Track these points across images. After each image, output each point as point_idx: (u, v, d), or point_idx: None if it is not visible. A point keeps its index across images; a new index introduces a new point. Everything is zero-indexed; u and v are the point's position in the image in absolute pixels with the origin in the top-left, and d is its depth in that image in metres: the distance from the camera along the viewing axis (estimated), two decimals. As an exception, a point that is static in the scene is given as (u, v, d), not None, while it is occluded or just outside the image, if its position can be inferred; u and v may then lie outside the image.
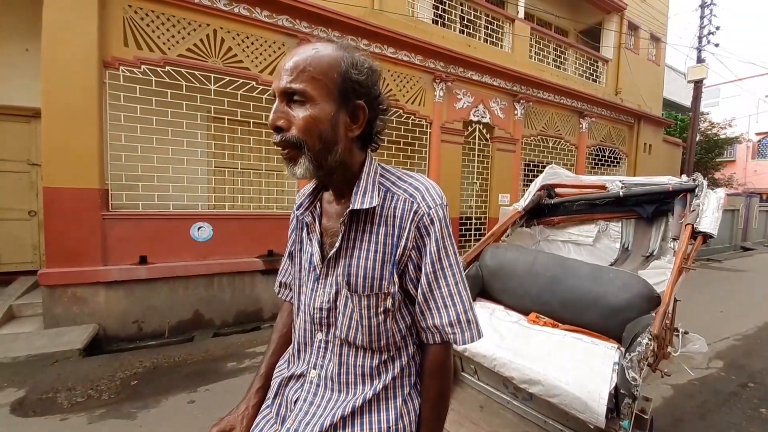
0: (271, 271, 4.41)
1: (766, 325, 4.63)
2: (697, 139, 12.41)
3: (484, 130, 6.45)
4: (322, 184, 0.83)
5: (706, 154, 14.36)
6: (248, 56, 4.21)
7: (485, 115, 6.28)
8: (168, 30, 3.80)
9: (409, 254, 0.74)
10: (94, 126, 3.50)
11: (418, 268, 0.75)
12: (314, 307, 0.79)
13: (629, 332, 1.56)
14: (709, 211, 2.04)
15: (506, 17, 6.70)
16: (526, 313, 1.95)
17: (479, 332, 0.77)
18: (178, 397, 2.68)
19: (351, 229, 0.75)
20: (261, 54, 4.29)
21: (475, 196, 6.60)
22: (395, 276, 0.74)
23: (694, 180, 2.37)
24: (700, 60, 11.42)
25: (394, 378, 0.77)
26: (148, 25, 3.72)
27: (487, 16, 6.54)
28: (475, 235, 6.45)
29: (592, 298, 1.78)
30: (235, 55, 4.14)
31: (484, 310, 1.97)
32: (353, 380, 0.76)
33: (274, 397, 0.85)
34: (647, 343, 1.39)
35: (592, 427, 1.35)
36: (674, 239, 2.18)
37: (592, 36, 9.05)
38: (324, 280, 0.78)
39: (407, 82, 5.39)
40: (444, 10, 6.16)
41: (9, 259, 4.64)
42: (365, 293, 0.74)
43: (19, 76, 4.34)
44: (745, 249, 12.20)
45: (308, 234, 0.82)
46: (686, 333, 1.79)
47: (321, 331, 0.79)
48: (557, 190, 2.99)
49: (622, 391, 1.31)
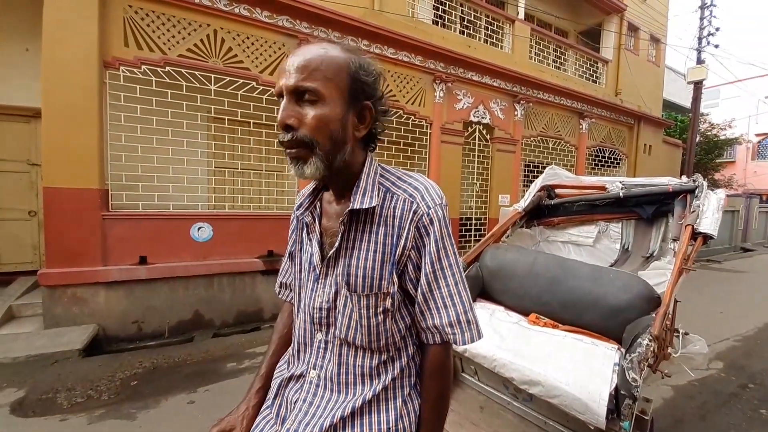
0: (271, 272, 4.41)
1: (766, 326, 4.63)
2: (697, 140, 12.42)
3: (484, 131, 6.45)
4: (323, 184, 0.82)
5: (706, 155, 14.37)
6: (248, 56, 4.22)
7: (485, 116, 6.28)
8: (168, 30, 3.80)
9: (409, 254, 0.74)
10: (95, 126, 3.50)
11: (417, 268, 0.75)
12: (314, 307, 0.79)
13: (629, 333, 1.56)
14: (709, 212, 2.05)
15: (506, 18, 6.71)
16: (527, 314, 1.94)
17: (479, 333, 0.77)
18: (178, 398, 2.68)
19: (351, 229, 0.75)
20: (261, 54, 4.29)
21: (475, 197, 6.60)
22: (395, 276, 0.74)
23: (694, 181, 2.37)
24: (699, 61, 11.43)
25: (394, 379, 0.77)
26: (148, 25, 3.72)
27: (488, 17, 6.55)
28: (475, 235, 6.45)
29: (593, 298, 1.77)
30: (236, 56, 4.14)
31: (484, 311, 1.97)
32: (353, 380, 0.76)
33: (274, 398, 0.84)
34: (647, 344, 1.39)
35: (593, 428, 1.35)
36: (674, 240, 2.19)
37: (592, 37, 9.05)
38: (324, 280, 0.78)
39: (407, 83, 5.39)
40: (444, 11, 6.17)
41: (9, 259, 4.64)
42: (365, 293, 0.74)
43: (19, 76, 4.34)
44: (745, 250, 12.20)
45: (308, 234, 0.82)
46: (686, 334, 1.79)
47: (321, 331, 0.79)
48: (557, 191, 2.99)
49: (622, 392, 1.30)
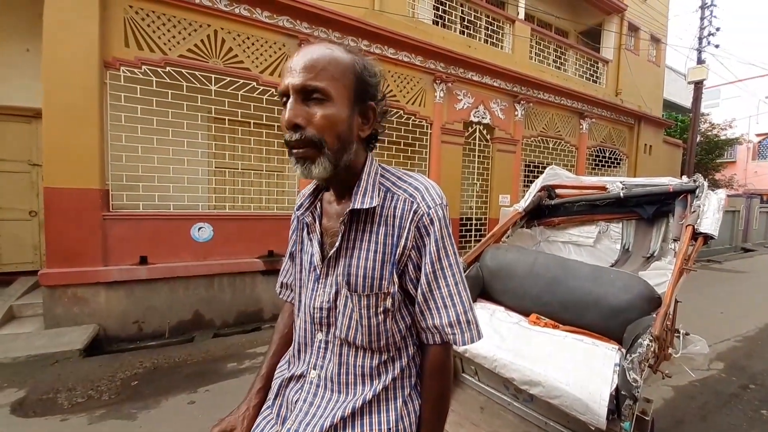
0: (271, 272, 4.41)
1: (767, 327, 4.62)
2: (698, 140, 12.41)
3: (485, 131, 6.44)
4: (324, 184, 0.82)
5: (706, 155, 14.36)
6: (249, 57, 4.22)
7: (485, 116, 6.28)
8: (169, 30, 3.81)
9: (409, 254, 0.74)
10: (95, 126, 3.50)
11: (417, 268, 0.75)
12: (314, 307, 0.79)
13: (630, 333, 1.55)
14: (710, 212, 2.04)
15: (506, 18, 6.71)
16: (527, 314, 1.94)
17: (479, 333, 0.77)
18: (179, 398, 2.68)
19: (351, 229, 0.75)
20: (261, 55, 4.29)
21: (476, 197, 6.60)
22: (395, 276, 0.74)
23: (695, 181, 2.37)
24: (700, 61, 11.42)
25: (394, 379, 0.77)
26: (149, 26, 3.72)
27: (488, 17, 6.55)
28: (476, 236, 6.44)
29: (593, 299, 1.77)
30: (236, 56, 4.14)
31: (484, 311, 1.97)
32: (353, 381, 0.76)
33: (275, 398, 0.84)
34: (648, 345, 1.39)
35: (593, 429, 1.35)
36: (675, 240, 2.18)
37: (593, 37, 9.05)
38: (324, 280, 0.78)
39: (408, 83, 5.39)
40: (444, 11, 6.17)
41: (9, 260, 4.64)
42: (365, 293, 0.74)
43: (20, 77, 4.35)
44: (746, 250, 12.19)
45: (308, 234, 0.82)
46: (687, 334, 1.79)
47: (321, 331, 0.79)
48: (558, 191, 2.99)
49: (623, 393, 1.30)
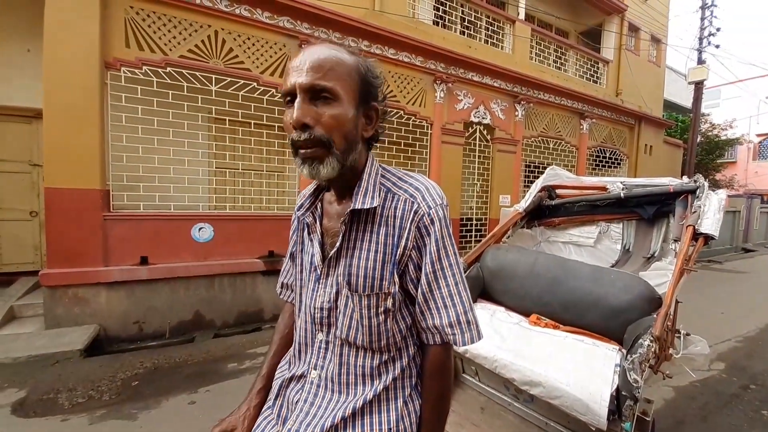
0: (271, 272, 4.41)
1: (768, 327, 4.63)
2: (698, 140, 12.40)
3: (485, 131, 6.44)
4: (325, 185, 0.82)
5: (706, 156, 14.34)
6: (249, 57, 4.22)
7: (486, 116, 6.28)
8: (169, 31, 3.81)
9: (410, 254, 0.74)
10: (96, 127, 3.50)
11: (418, 268, 0.75)
12: (315, 307, 0.79)
13: (630, 334, 1.55)
14: (711, 213, 2.04)
15: (507, 18, 6.71)
16: (527, 315, 1.94)
17: (479, 333, 0.77)
18: (179, 398, 2.68)
19: (352, 229, 0.76)
20: (262, 55, 4.29)
21: (476, 198, 6.59)
22: (396, 276, 0.74)
23: (695, 181, 2.37)
24: (700, 61, 11.42)
25: (395, 379, 0.77)
26: (149, 26, 3.72)
27: (488, 18, 6.55)
28: (476, 236, 6.44)
29: (593, 299, 1.77)
30: (236, 56, 4.14)
31: (484, 312, 1.97)
32: (354, 381, 0.76)
33: (276, 398, 0.85)
34: (649, 345, 1.38)
35: (594, 429, 1.35)
36: (675, 241, 2.18)
37: (593, 37, 9.05)
38: (325, 280, 0.78)
39: (408, 84, 5.39)
40: (445, 12, 6.17)
41: (10, 260, 4.64)
42: (366, 293, 0.74)
43: (21, 77, 4.35)
44: (746, 250, 12.18)
45: (309, 234, 0.83)
46: (687, 335, 1.79)
47: (321, 331, 0.79)
48: (558, 192, 2.99)
49: (623, 393, 1.30)
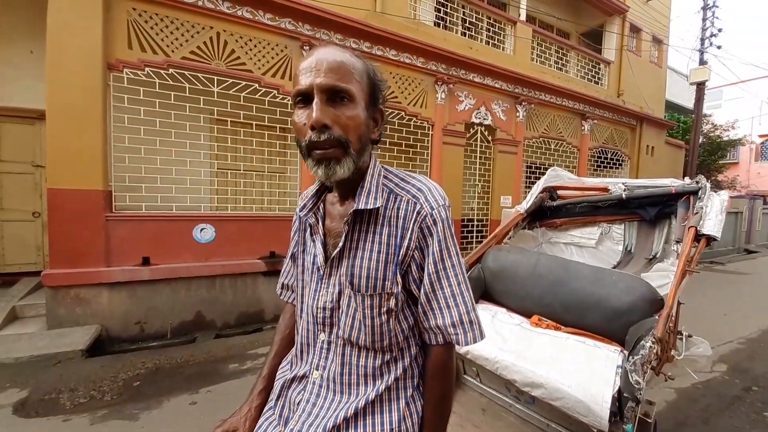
0: (273, 273, 4.42)
1: (771, 329, 4.60)
2: (700, 141, 12.36)
3: (486, 132, 6.45)
4: (330, 185, 0.82)
5: (708, 156, 14.29)
6: (251, 59, 4.23)
7: (487, 117, 6.28)
8: (172, 33, 3.83)
9: (412, 255, 0.74)
10: (98, 128, 3.52)
11: (420, 268, 0.75)
12: (317, 307, 0.79)
13: (632, 335, 1.55)
14: (713, 214, 2.04)
15: (508, 20, 6.71)
16: (529, 316, 1.94)
17: (482, 333, 0.77)
18: (180, 399, 2.69)
19: (354, 230, 0.76)
20: (264, 57, 4.31)
21: (477, 199, 6.59)
22: (398, 276, 0.74)
23: (697, 182, 2.36)
24: (702, 62, 11.39)
25: (397, 379, 0.77)
26: (152, 28, 3.74)
27: (489, 19, 6.56)
28: (477, 237, 6.44)
29: (595, 300, 1.77)
30: (238, 58, 4.16)
31: (486, 313, 1.96)
32: (356, 381, 0.76)
33: (277, 399, 0.85)
34: (650, 347, 1.38)
35: (595, 431, 1.34)
36: (677, 242, 2.18)
37: (594, 38, 9.05)
38: (327, 281, 0.78)
39: (409, 85, 5.40)
40: (446, 13, 6.18)
41: (13, 260, 4.66)
42: (368, 293, 0.74)
43: (23, 78, 4.38)
44: (749, 251, 12.13)
45: (311, 235, 0.83)
46: (690, 336, 1.78)
47: (324, 331, 0.79)
48: (559, 193, 2.98)
49: (625, 395, 1.30)
